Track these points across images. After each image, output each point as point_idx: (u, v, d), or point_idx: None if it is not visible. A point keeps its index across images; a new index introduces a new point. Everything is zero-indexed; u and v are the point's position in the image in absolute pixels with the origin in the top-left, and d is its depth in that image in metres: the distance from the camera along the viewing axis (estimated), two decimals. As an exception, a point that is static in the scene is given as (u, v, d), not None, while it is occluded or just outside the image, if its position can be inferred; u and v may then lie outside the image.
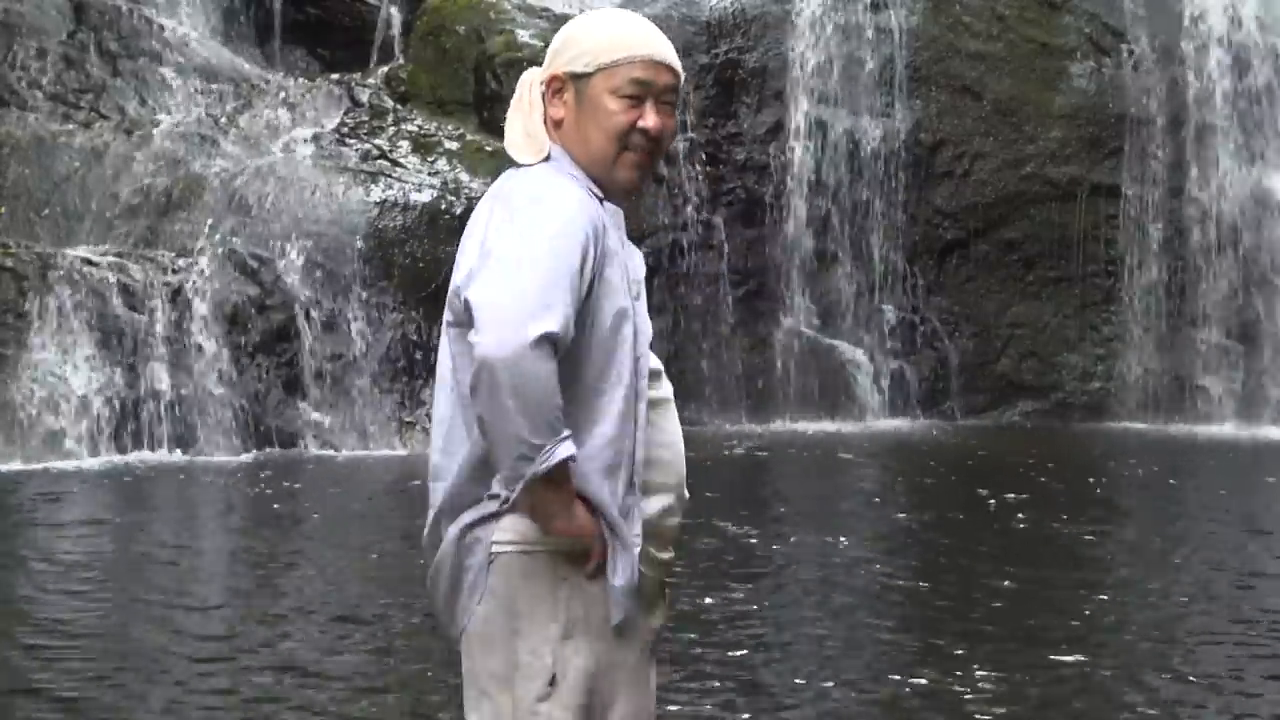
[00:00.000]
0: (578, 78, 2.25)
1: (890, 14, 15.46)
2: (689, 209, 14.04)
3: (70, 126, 13.45)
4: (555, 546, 2.22)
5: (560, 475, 2.16)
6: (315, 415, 11.71)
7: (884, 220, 15.20)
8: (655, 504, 2.29)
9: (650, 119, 2.23)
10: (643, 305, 2.32)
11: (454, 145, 13.68)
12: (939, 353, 15.09)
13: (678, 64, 2.28)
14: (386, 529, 8.01)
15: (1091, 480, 10.56)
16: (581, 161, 2.28)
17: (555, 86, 2.28)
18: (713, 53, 14.83)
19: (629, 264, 2.30)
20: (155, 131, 13.41)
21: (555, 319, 2.09)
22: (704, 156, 14.60)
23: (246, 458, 11.08)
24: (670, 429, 2.33)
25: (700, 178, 14.49)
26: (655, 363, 2.33)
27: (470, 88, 14.25)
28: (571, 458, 2.15)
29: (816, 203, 15.03)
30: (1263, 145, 15.45)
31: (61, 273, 11.28)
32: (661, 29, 2.33)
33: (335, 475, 10.42)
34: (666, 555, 2.33)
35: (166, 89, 14.34)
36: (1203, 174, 15.37)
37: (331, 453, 11.41)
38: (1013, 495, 9.28)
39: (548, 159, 2.28)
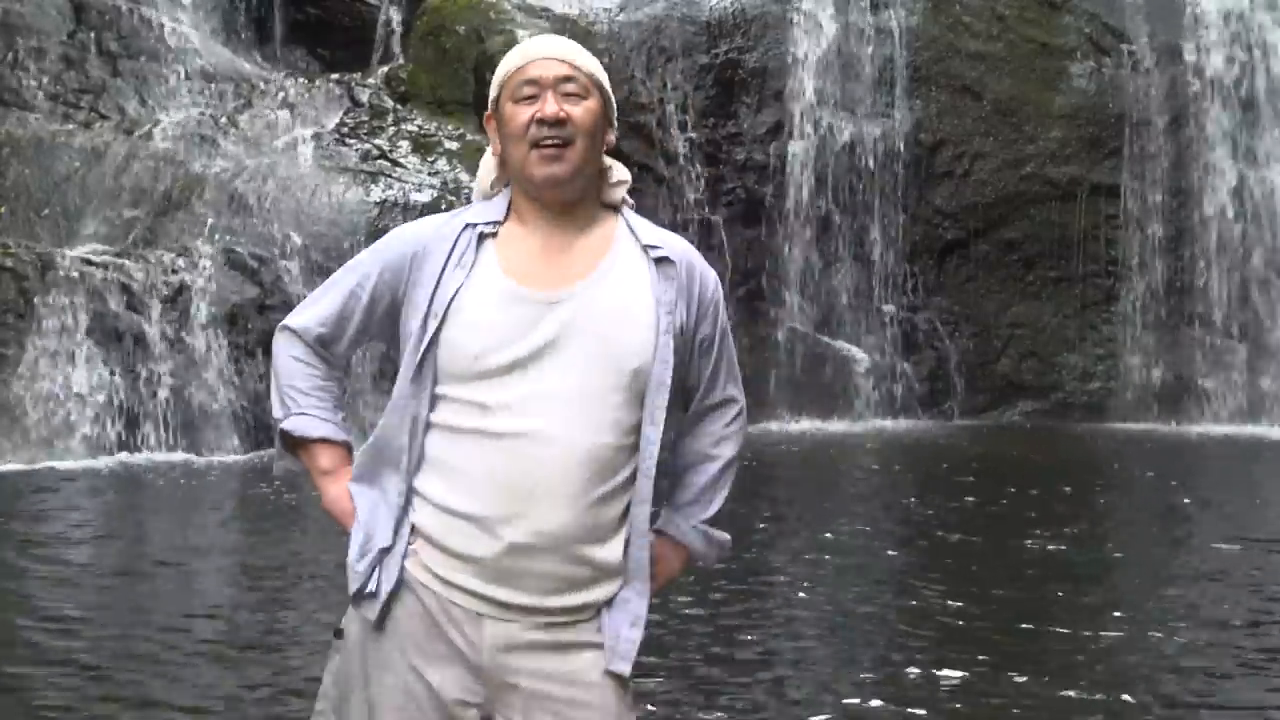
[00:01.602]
0: (496, 109, 2.39)
1: (890, 14, 15.47)
2: (689, 209, 14.04)
3: (70, 126, 13.45)
4: None
5: (293, 448, 2.50)
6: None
7: (884, 220, 15.22)
8: (430, 517, 2.31)
9: (548, 107, 2.30)
10: (468, 324, 2.31)
11: (454, 145, 13.69)
12: (939, 353, 15.10)
13: (572, 56, 2.34)
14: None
15: (1092, 481, 10.56)
16: (515, 181, 2.39)
17: (491, 127, 2.42)
18: (713, 53, 14.84)
19: (456, 283, 2.33)
20: (155, 131, 13.41)
21: (298, 318, 2.51)
22: (704, 156, 14.61)
23: (246, 457, 11.09)
24: (462, 454, 2.28)
25: (700, 178, 14.50)
26: (484, 394, 2.27)
27: (470, 88, 14.26)
28: (290, 433, 2.47)
29: (816, 203, 15.04)
30: (1263, 145, 15.46)
31: (61, 273, 11.28)
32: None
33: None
34: (459, 579, 2.27)
35: (166, 89, 14.35)
36: (1203, 174, 15.38)
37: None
38: (1013, 496, 9.29)
39: (505, 188, 2.44)
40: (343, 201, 12.77)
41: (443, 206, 12.70)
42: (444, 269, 2.34)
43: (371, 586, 2.32)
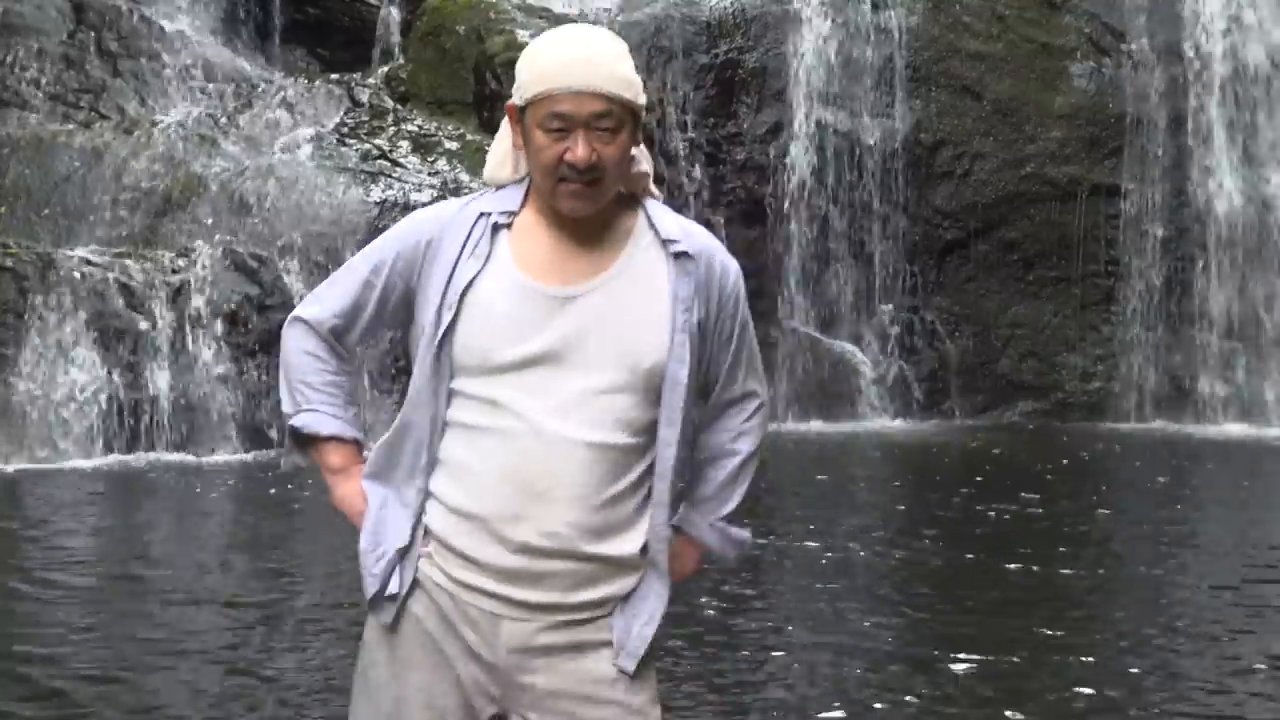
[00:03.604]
0: (520, 109, 2.29)
1: (890, 14, 15.47)
2: (689, 209, 14.04)
3: (70, 126, 13.45)
4: None
5: (303, 442, 2.40)
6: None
7: (884, 220, 15.21)
8: (442, 519, 2.29)
9: (578, 150, 2.21)
10: (480, 316, 2.27)
11: (454, 145, 13.69)
12: (939, 353, 15.10)
13: (609, 87, 2.22)
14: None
15: (1093, 482, 10.56)
16: (537, 189, 2.33)
17: (513, 116, 2.33)
18: (713, 53, 14.84)
19: (471, 273, 2.28)
20: (155, 131, 13.41)
21: (310, 309, 2.41)
22: (704, 156, 14.60)
23: (246, 458, 11.09)
24: (473, 452, 2.26)
25: (700, 178, 14.50)
26: (496, 390, 2.25)
27: (470, 88, 14.25)
28: (300, 430, 2.38)
29: (816, 203, 15.04)
30: (1262, 145, 15.46)
31: (61, 273, 11.28)
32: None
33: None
34: (473, 579, 2.26)
35: (166, 89, 14.34)
36: (1203, 174, 15.37)
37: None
38: (1014, 496, 9.28)
39: (522, 180, 2.37)
40: (343, 201, 12.76)
41: (443, 206, 12.69)
42: (458, 259, 2.29)
43: (392, 588, 2.30)
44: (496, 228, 2.32)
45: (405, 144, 13.68)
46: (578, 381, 2.24)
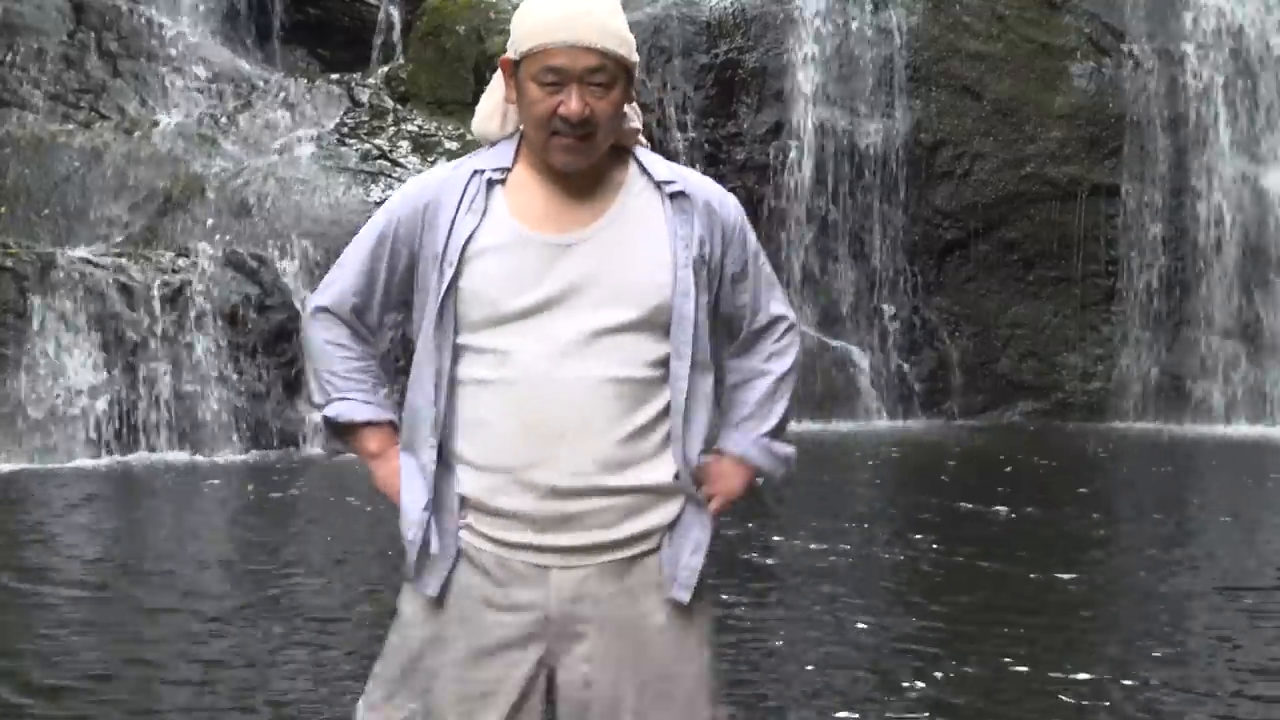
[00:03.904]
0: (515, 64, 2.30)
1: (890, 14, 15.47)
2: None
3: (70, 126, 13.45)
4: None
5: (339, 431, 2.43)
6: (315, 415, 11.71)
7: (884, 220, 15.21)
8: (474, 480, 2.30)
9: (572, 104, 2.23)
10: (492, 268, 2.28)
11: (454, 145, 13.69)
12: (939, 353, 15.10)
13: (603, 42, 2.24)
14: (386, 530, 8.00)
15: (1095, 482, 10.55)
16: (529, 144, 2.35)
17: (507, 70, 2.34)
18: (713, 53, 14.84)
19: (469, 228, 2.29)
20: (155, 131, 13.41)
21: (328, 295, 2.41)
22: (704, 156, 14.60)
23: (247, 458, 11.09)
24: (488, 407, 2.27)
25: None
26: (504, 340, 2.26)
27: (470, 88, 14.25)
28: (334, 420, 2.40)
29: (816, 203, 15.04)
30: (1262, 145, 15.46)
31: (61, 273, 11.28)
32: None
33: (335, 475, 10.42)
34: (514, 536, 2.27)
35: (166, 89, 14.34)
36: (1203, 174, 15.37)
37: (331, 453, 11.43)
38: (1014, 497, 9.28)
39: (512, 135, 2.39)
40: (343, 201, 12.76)
41: (443, 206, 12.70)
42: (455, 217, 2.31)
43: (431, 550, 2.32)
44: (491, 183, 2.34)
45: (405, 144, 13.68)
46: (586, 323, 2.26)
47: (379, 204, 13.26)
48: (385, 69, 15.15)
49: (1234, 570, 7.09)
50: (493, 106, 2.41)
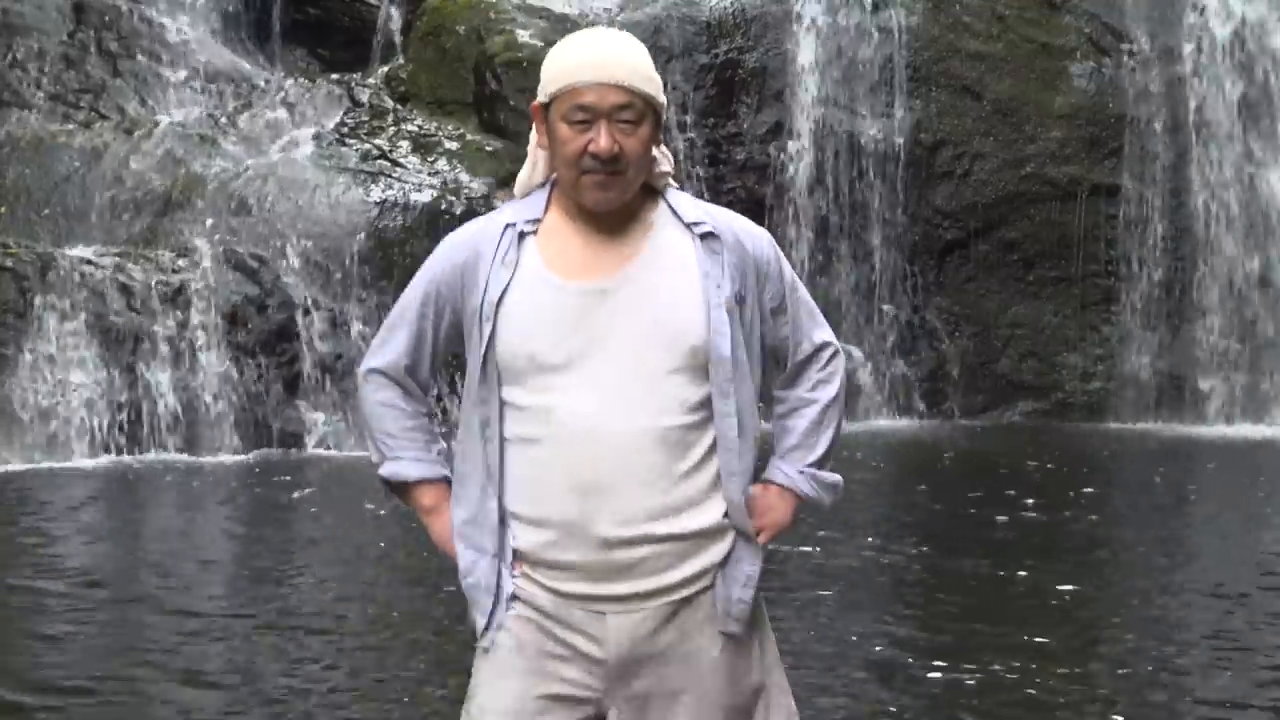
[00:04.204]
0: (545, 107, 2.35)
1: (890, 14, 15.46)
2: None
3: (70, 126, 13.45)
4: None
5: (397, 490, 2.47)
6: (315, 415, 11.73)
7: (884, 220, 15.21)
8: (527, 534, 2.33)
9: (601, 141, 2.26)
10: (514, 320, 2.32)
11: (454, 145, 13.69)
12: (939, 353, 15.10)
13: (630, 80, 2.29)
14: (386, 531, 8.00)
15: (1094, 483, 10.54)
16: (561, 187, 2.39)
17: (538, 116, 2.39)
18: (713, 53, 14.83)
19: (503, 282, 2.33)
20: (155, 131, 13.41)
21: (381, 356, 2.46)
22: (704, 156, 14.60)
23: (247, 458, 11.09)
24: (538, 465, 2.31)
25: (700, 178, 14.49)
26: (545, 396, 2.29)
27: (470, 88, 14.25)
28: (391, 479, 2.45)
29: (816, 203, 15.04)
30: (1263, 145, 15.45)
31: (61, 273, 11.28)
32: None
33: (335, 475, 10.42)
34: (570, 586, 2.31)
35: (166, 89, 14.35)
36: (1203, 174, 15.37)
37: (332, 453, 11.42)
38: (1013, 499, 9.28)
39: (543, 184, 2.43)
40: (343, 201, 12.76)
41: (442, 206, 12.70)
42: (490, 272, 2.34)
43: (497, 596, 2.35)
44: (522, 235, 2.37)
45: (405, 144, 13.68)
46: (624, 370, 2.28)
47: (379, 204, 13.32)
48: (385, 69, 15.14)
49: (1233, 573, 7.06)
50: (530, 160, 2.45)
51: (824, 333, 2.51)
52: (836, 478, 2.52)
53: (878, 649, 5.36)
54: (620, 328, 2.29)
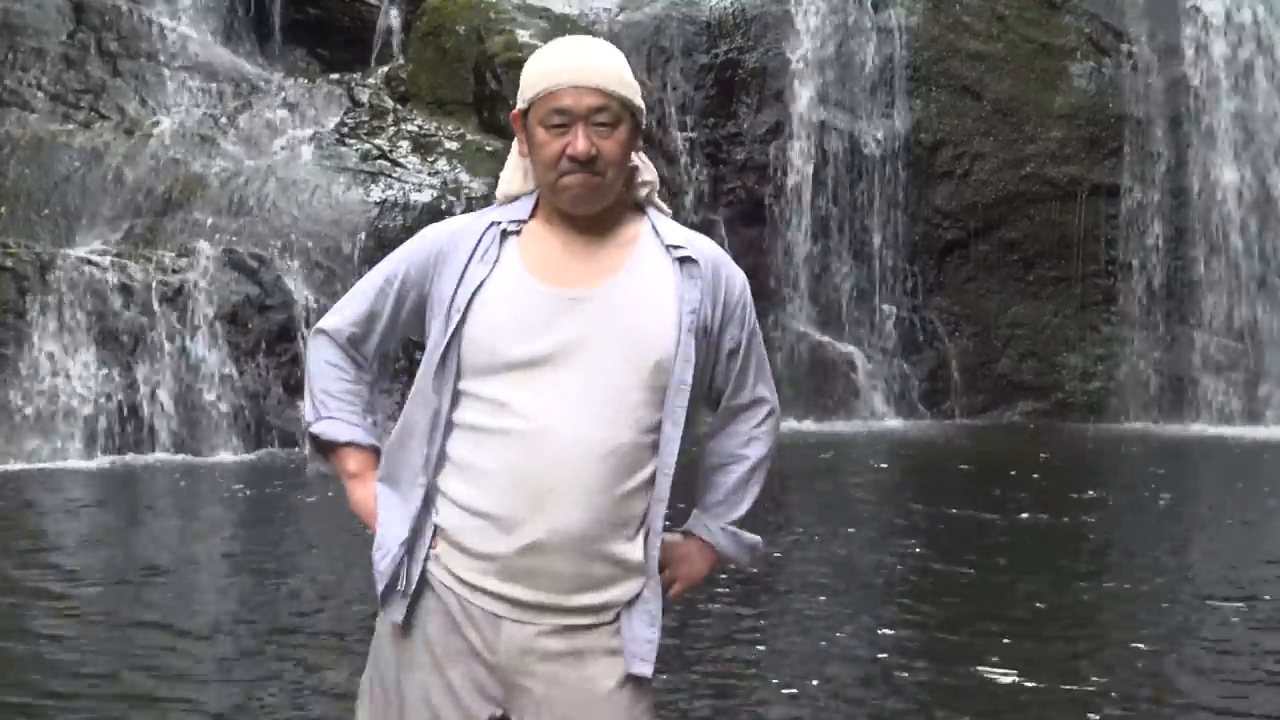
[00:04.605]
0: (524, 114, 2.39)
1: (890, 14, 15.47)
2: (689, 209, 14.04)
3: (70, 126, 13.45)
4: None
5: (322, 448, 2.49)
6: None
7: (884, 220, 15.21)
8: (453, 516, 2.33)
9: (578, 143, 2.28)
10: (490, 320, 2.33)
11: (454, 145, 13.69)
12: (939, 353, 15.10)
13: (606, 83, 2.31)
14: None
15: (1092, 485, 10.55)
16: (542, 192, 2.41)
17: (518, 124, 2.42)
18: (713, 53, 14.83)
19: (480, 277, 2.35)
20: (155, 131, 13.41)
21: (332, 319, 2.51)
22: (704, 156, 14.60)
23: (247, 458, 11.09)
24: (482, 454, 2.30)
25: (700, 178, 14.49)
26: (504, 391, 2.29)
27: (470, 88, 14.25)
28: (318, 436, 2.47)
29: (816, 202, 15.04)
30: (1262, 145, 15.46)
31: (61, 273, 11.28)
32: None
33: (335, 477, 10.40)
34: (479, 579, 2.30)
35: (166, 89, 14.34)
36: (1203, 174, 15.37)
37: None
38: (1013, 500, 9.28)
39: (533, 191, 2.45)
40: (343, 201, 12.76)
41: (442, 207, 12.69)
42: (467, 265, 2.36)
43: (400, 585, 2.35)
44: (505, 234, 2.39)
45: (405, 144, 13.68)
46: (586, 380, 2.28)
47: (379, 204, 13.29)
48: (385, 69, 15.14)
49: (1231, 576, 7.04)
50: (513, 166, 2.47)
51: (766, 389, 2.50)
52: (756, 539, 2.53)
53: (861, 652, 5.33)
54: (589, 337, 2.29)
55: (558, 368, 2.28)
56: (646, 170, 2.43)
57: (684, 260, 2.36)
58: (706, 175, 14.51)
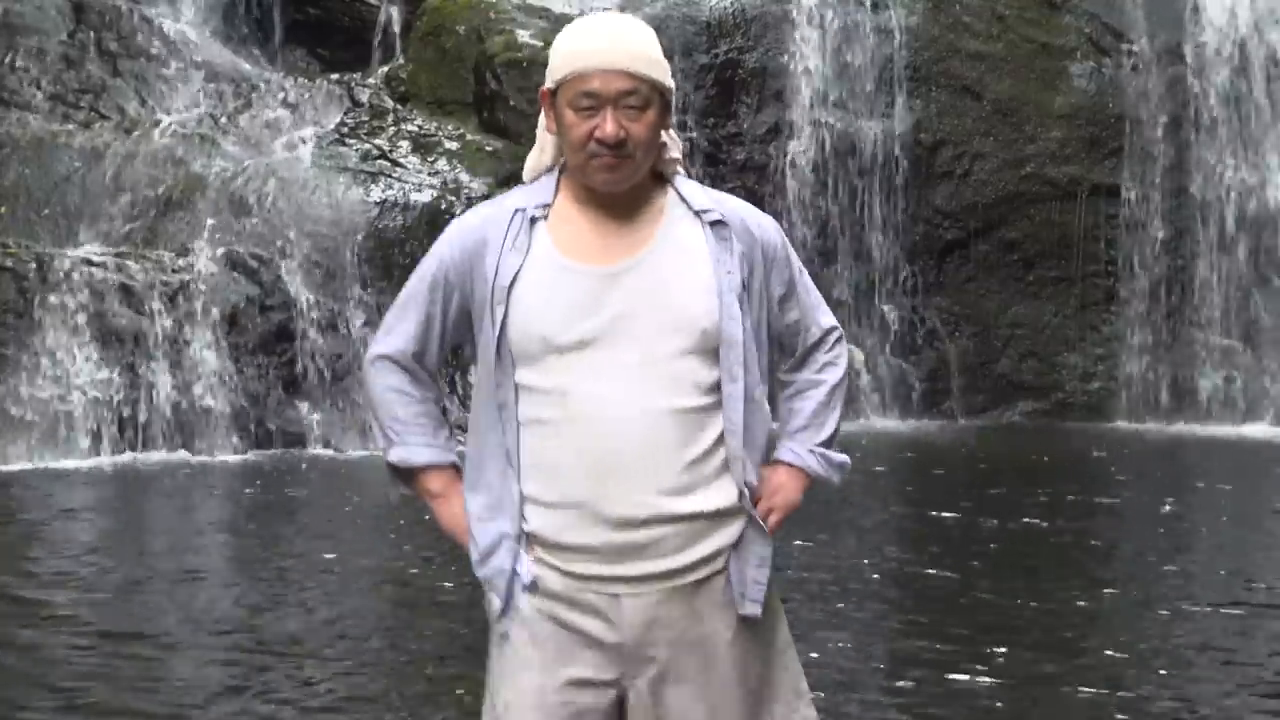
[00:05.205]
0: (552, 93, 2.37)
1: (890, 14, 15.46)
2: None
3: (70, 126, 13.44)
4: None
5: (404, 477, 2.48)
6: (315, 415, 11.72)
7: (884, 220, 15.21)
8: (541, 517, 2.35)
9: (607, 127, 2.29)
10: (531, 303, 2.33)
11: (454, 145, 13.68)
12: (939, 353, 15.09)
13: (635, 66, 2.31)
14: (385, 531, 8.00)
15: (1092, 486, 10.55)
16: (570, 171, 2.41)
17: (546, 102, 2.41)
18: (713, 53, 14.83)
19: (514, 266, 2.35)
20: (155, 131, 13.40)
21: (389, 343, 2.46)
22: (704, 156, 14.60)
23: (247, 458, 11.08)
24: (553, 447, 2.33)
25: (700, 178, 14.48)
26: (560, 377, 2.32)
27: (470, 88, 14.25)
28: (397, 465, 2.46)
29: (816, 203, 15.03)
30: (1262, 145, 15.45)
31: (61, 273, 11.28)
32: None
33: (335, 475, 10.42)
34: (584, 568, 2.33)
35: (166, 89, 14.33)
36: (1203, 174, 15.37)
37: (332, 453, 11.41)
38: (1012, 501, 9.27)
39: (552, 169, 2.45)
40: (343, 201, 12.76)
41: (442, 207, 12.69)
42: (500, 256, 2.37)
43: (513, 585, 2.36)
44: (533, 220, 2.40)
45: (405, 144, 13.67)
46: (637, 352, 2.31)
47: (379, 204, 13.30)
48: (385, 69, 15.14)
49: (1231, 578, 6.98)
50: (540, 144, 2.48)
51: (829, 318, 2.56)
52: (844, 457, 2.56)
53: (847, 661, 5.25)
54: (633, 311, 2.32)
55: (608, 345, 2.31)
56: (674, 147, 2.45)
57: (715, 223, 2.41)
58: (706, 175, 14.49)
